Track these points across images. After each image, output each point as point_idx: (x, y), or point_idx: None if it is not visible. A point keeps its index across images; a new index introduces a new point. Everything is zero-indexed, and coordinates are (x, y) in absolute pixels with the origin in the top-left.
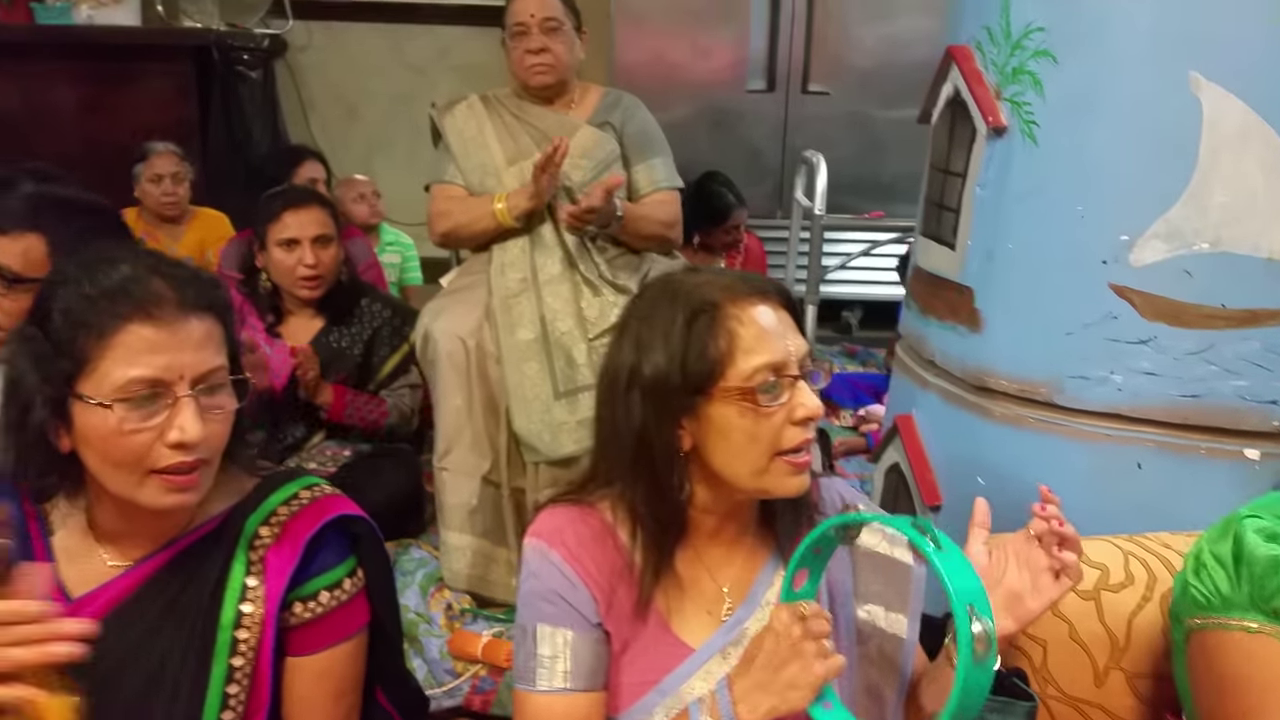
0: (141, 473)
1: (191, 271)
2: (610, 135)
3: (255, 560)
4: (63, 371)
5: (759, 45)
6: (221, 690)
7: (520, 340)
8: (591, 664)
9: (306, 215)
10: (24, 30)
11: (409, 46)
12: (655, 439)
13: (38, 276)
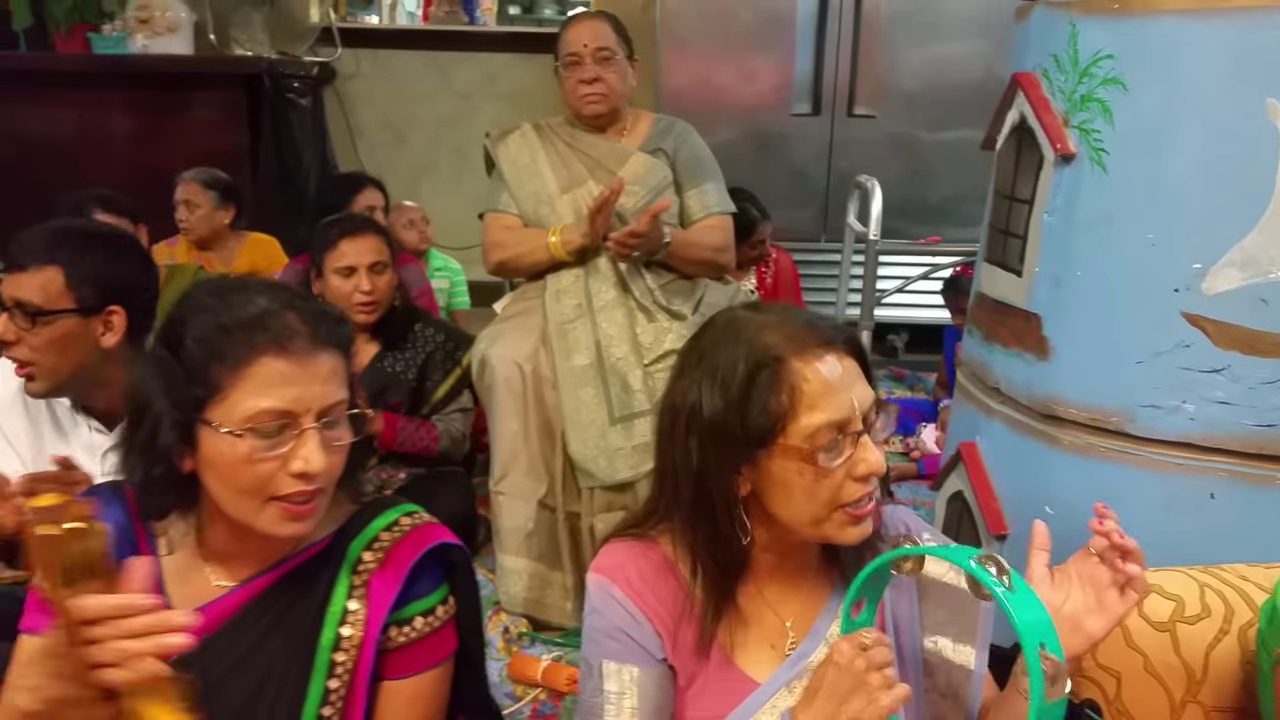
0: (262, 499)
1: (321, 307)
2: (663, 162)
3: (358, 584)
4: (194, 397)
5: (804, 69)
6: (316, 712)
7: (576, 366)
8: (658, 700)
9: (363, 243)
10: (81, 60)
11: (455, 73)
12: (713, 483)
13: (60, 309)
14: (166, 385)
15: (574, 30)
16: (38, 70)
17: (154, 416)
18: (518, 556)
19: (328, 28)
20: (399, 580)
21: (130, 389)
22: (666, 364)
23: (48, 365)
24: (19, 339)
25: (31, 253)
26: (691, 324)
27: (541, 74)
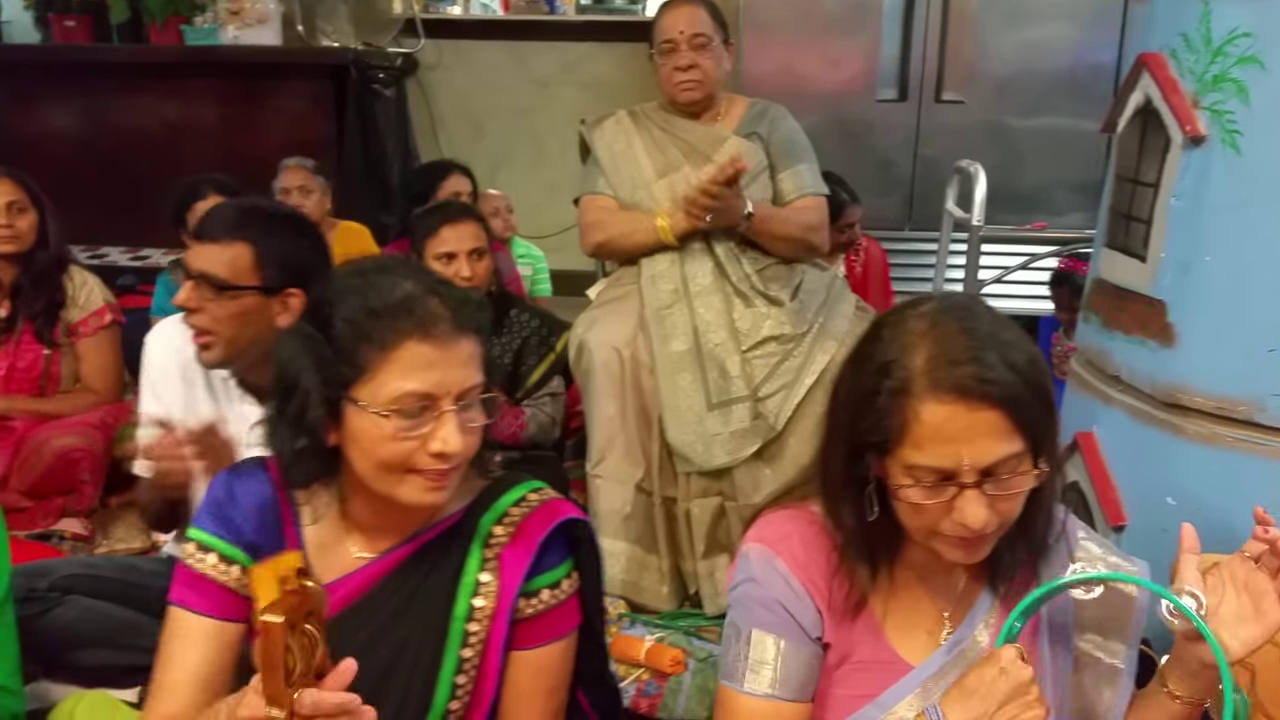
0: (402, 473)
1: (463, 293)
2: (758, 145)
3: (490, 557)
4: (342, 376)
5: (891, 54)
6: (451, 680)
7: (673, 351)
8: (802, 676)
9: (463, 229)
10: (173, 51)
11: (533, 62)
12: (836, 461)
13: (245, 285)
14: (316, 363)
15: (670, 17)
16: (133, 62)
17: (303, 392)
18: (615, 539)
19: (411, 18)
20: (530, 554)
21: (279, 363)
22: (765, 350)
23: (225, 337)
24: (201, 308)
25: (222, 227)
26: (789, 310)
27: (620, 62)
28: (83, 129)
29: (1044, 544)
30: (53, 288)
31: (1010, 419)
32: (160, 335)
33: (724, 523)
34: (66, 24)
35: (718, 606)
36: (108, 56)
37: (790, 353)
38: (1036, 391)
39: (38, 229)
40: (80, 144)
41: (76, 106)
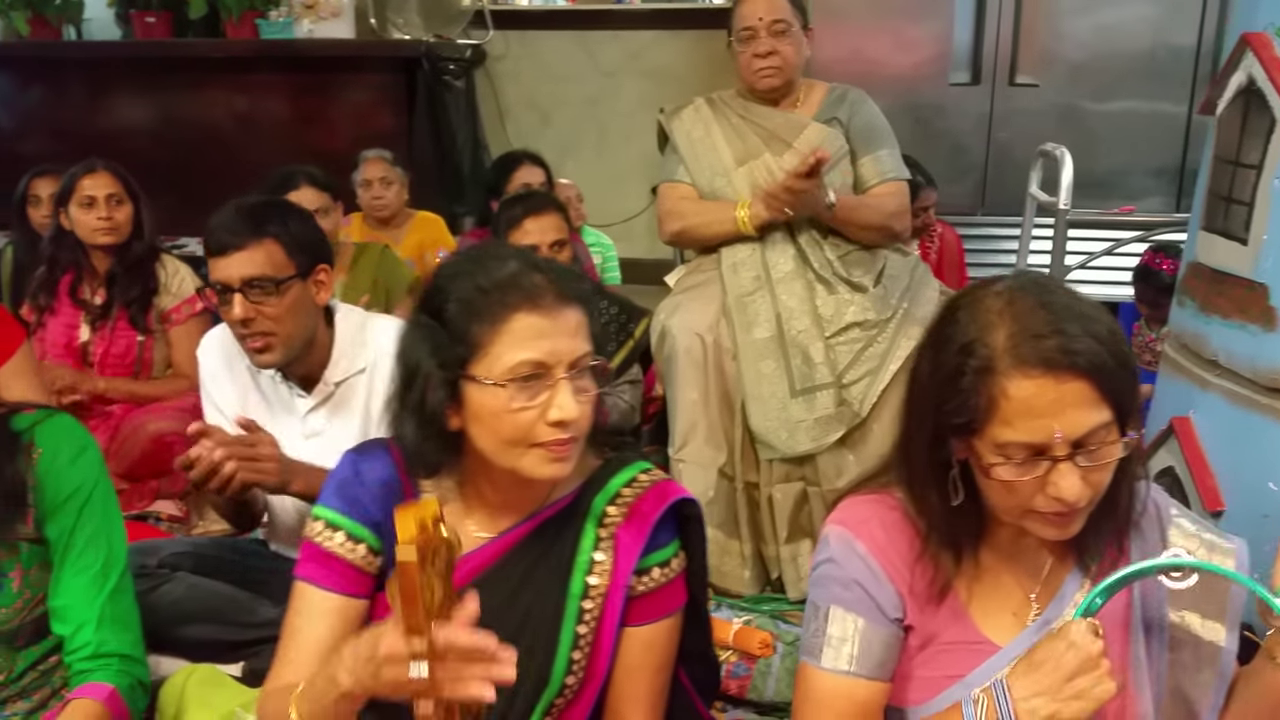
0: (525, 447)
1: (563, 267)
2: (838, 130)
3: (605, 536)
4: (458, 356)
5: (963, 37)
6: (568, 655)
7: (756, 338)
8: (880, 655)
9: (546, 220)
10: (248, 45)
11: (600, 52)
12: (919, 445)
13: (288, 276)
14: (433, 348)
15: (749, 4)
16: (208, 57)
17: (423, 377)
18: None
19: (480, 10)
20: (644, 533)
21: (399, 355)
22: (848, 336)
23: (284, 334)
24: (257, 314)
25: (243, 232)
26: (873, 296)
27: (685, 50)
28: (160, 122)
29: (1128, 518)
30: (147, 276)
31: (1098, 388)
32: (210, 344)
33: (806, 508)
34: (147, 20)
35: (800, 591)
36: (185, 51)
37: (874, 339)
38: (1120, 360)
39: (133, 220)
40: (157, 137)
41: (154, 101)
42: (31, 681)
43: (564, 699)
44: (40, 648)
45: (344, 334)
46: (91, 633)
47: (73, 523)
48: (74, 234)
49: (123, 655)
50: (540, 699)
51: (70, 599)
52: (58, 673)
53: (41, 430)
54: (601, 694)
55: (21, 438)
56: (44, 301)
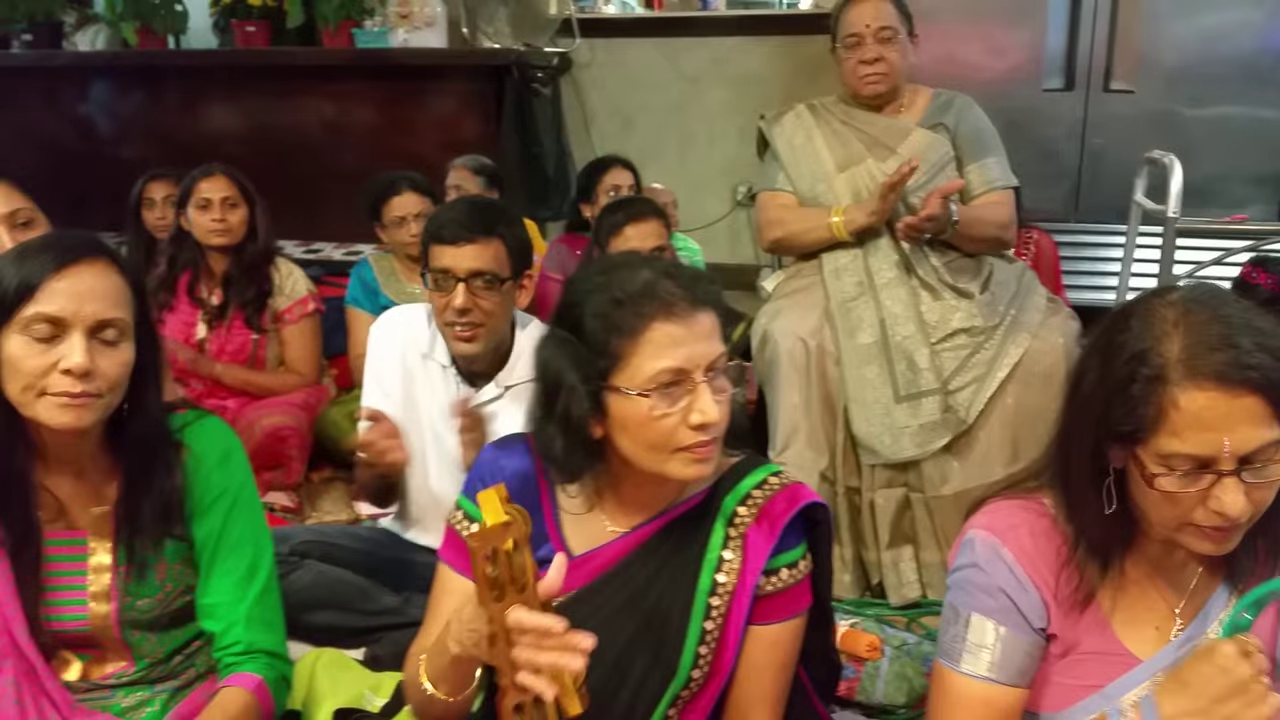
0: (669, 451)
1: (693, 272)
2: (944, 137)
3: (734, 536)
4: (599, 369)
5: (1057, 42)
6: (695, 649)
7: (860, 344)
8: (1021, 663)
9: (646, 227)
10: (343, 53)
11: (684, 58)
12: (1078, 451)
13: (508, 275)
14: (574, 362)
15: (855, 10)
16: (306, 65)
17: (567, 390)
18: None
19: (567, 18)
20: (774, 535)
21: (539, 369)
22: (955, 342)
23: (490, 327)
24: (475, 305)
25: (476, 228)
26: (980, 302)
27: (769, 56)
28: (255, 128)
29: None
30: (261, 277)
31: (1270, 405)
32: (382, 329)
33: (909, 514)
34: (248, 29)
35: (902, 598)
36: (281, 60)
37: (981, 345)
38: None
39: (248, 223)
40: (252, 143)
41: (250, 108)
42: (179, 664)
43: (689, 691)
44: (184, 633)
45: (523, 342)
46: (241, 632)
47: (220, 525)
48: (192, 235)
49: (269, 652)
50: (667, 690)
51: (219, 598)
52: (201, 656)
53: (191, 431)
54: (725, 689)
55: (172, 437)
56: (164, 299)
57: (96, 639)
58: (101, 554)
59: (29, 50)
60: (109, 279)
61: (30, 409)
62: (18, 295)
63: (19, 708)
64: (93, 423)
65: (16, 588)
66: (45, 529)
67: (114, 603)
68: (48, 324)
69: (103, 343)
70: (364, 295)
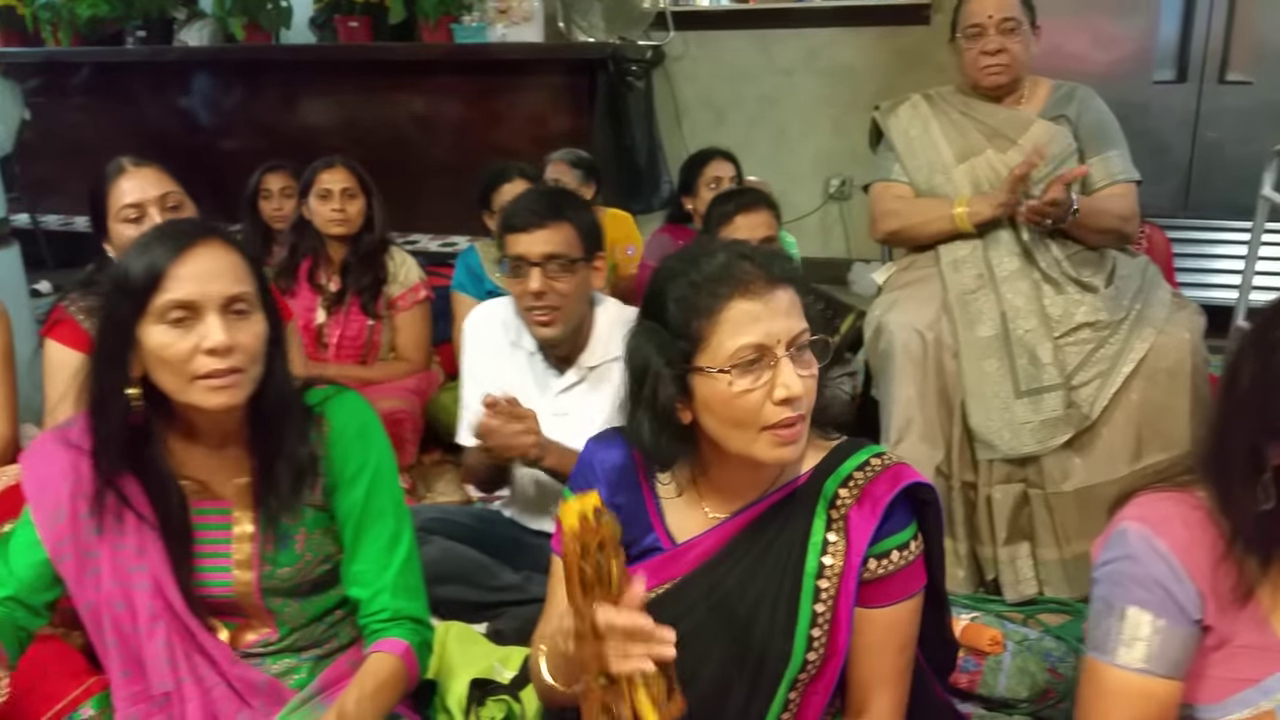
0: (756, 429)
1: (769, 251)
2: (1065, 129)
3: (836, 518)
4: (682, 351)
5: (1169, 32)
6: (807, 632)
7: (980, 337)
8: (1177, 655)
9: (756, 216)
10: (441, 49)
11: (778, 50)
12: (1233, 445)
13: (579, 257)
14: (658, 348)
15: (978, 1)
16: (404, 59)
17: (653, 376)
18: None
19: (661, 11)
20: (876, 516)
21: (627, 359)
22: (1078, 337)
23: (568, 310)
24: (550, 288)
25: (546, 213)
26: (1104, 296)
27: (864, 48)
28: (354, 122)
29: None
30: (377, 265)
31: None
32: (473, 322)
33: (1026, 510)
34: (350, 25)
35: (1018, 594)
36: (382, 55)
37: (1106, 340)
38: None
39: (365, 213)
40: (351, 136)
41: (350, 101)
42: (322, 633)
43: (807, 674)
44: (325, 600)
45: (603, 322)
46: (388, 599)
47: (363, 495)
48: (313, 224)
49: (414, 618)
50: (784, 674)
51: (365, 566)
52: (344, 626)
53: (331, 405)
54: (844, 671)
55: (313, 411)
56: (284, 285)
57: (241, 605)
58: (245, 523)
59: (142, 46)
60: (227, 256)
61: (186, 395)
62: (146, 287)
63: (172, 667)
64: (242, 399)
65: (168, 556)
66: (191, 500)
67: (255, 570)
68: (181, 309)
69: (236, 316)
70: (469, 281)
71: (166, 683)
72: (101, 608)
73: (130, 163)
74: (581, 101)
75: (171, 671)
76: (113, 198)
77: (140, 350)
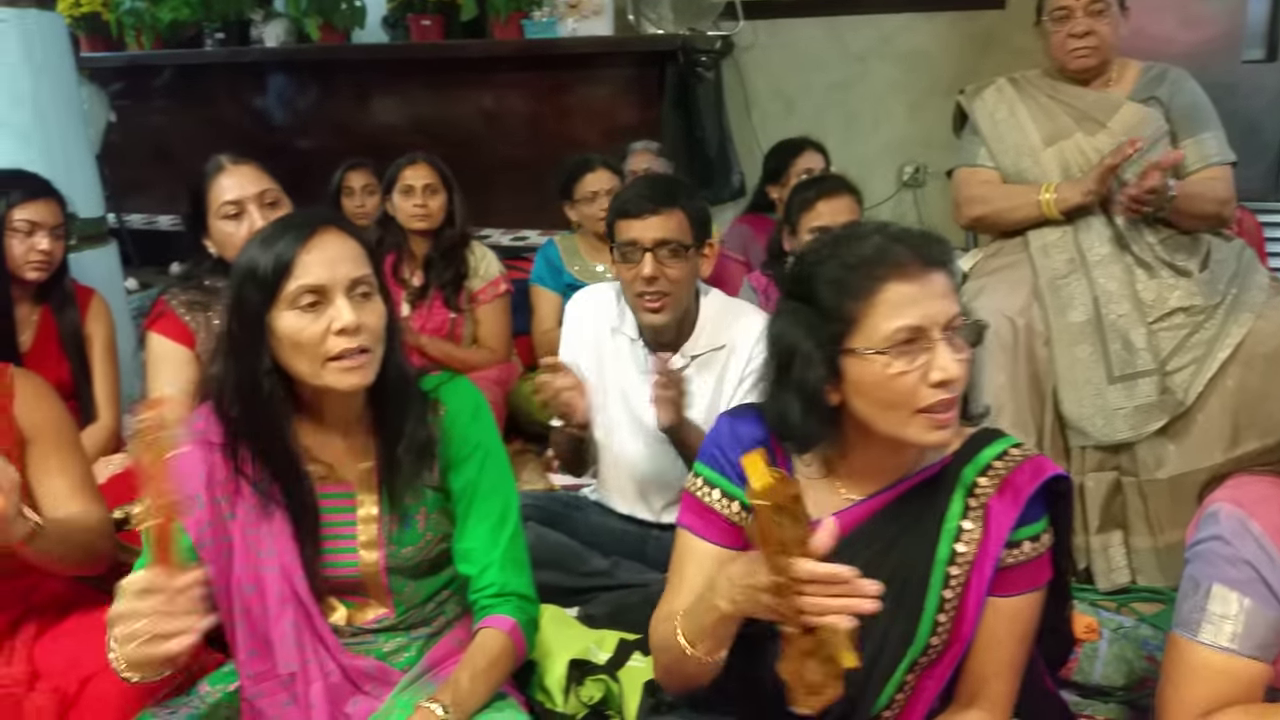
0: (909, 412)
1: (924, 233)
2: (1157, 111)
3: (974, 506)
4: (834, 333)
5: (1259, 9)
6: (933, 617)
7: (1071, 322)
8: (1264, 636)
9: (838, 202)
10: (511, 44)
11: (850, 37)
12: None
13: (690, 244)
14: (808, 330)
15: None
16: (475, 56)
17: (802, 358)
18: None
19: (731, 1)
20: (1018, 506)
21: (772, 340)
22: (1173, 322)
23: (677, 296)
24: (660, 274)
25: (658, 200)
26: (1199, 280)
27: (939, 33)
28: (426, 119)
29: None
30: (458, 260)
31: None
32: (575, 307)
33: (1119, 498)
34: (423, 23)
35: (1110, 583)
36: (454, 52)
37: (1201, 325)
38: None
39: (447, 208)
40: (424, 132)
41: (422, 99)
42: (431, 611)
43: (927, 658)
44: (439, 580)
45: (707, 312)
46: (495, 574)
47: (476, 474)
48: (396, 219)
49: (520, 595)
50: (905, 656)
51: (475, 543)
52: (451, 605)
53: (446, 390)
54: (963, 657)
55: (429, 396)
56: None
57: (364, 585)
58: (369, 506)
59: (220, 48)
60: (347, 242)
61: (320, 379)
62: (277, 275)
63: (298, 649)
64: (372, 379)
65: (296, 541)
66: (318, 485)
67: (381, 550)
68: (310, 293)
69: (360, 297)
70: (549, 274)
71: (292, 663)
72: (233, 590)
73: (229, 160)
74: (651, 94)
75: (298, 653)
76: (213, 194)
77: (271, 339)
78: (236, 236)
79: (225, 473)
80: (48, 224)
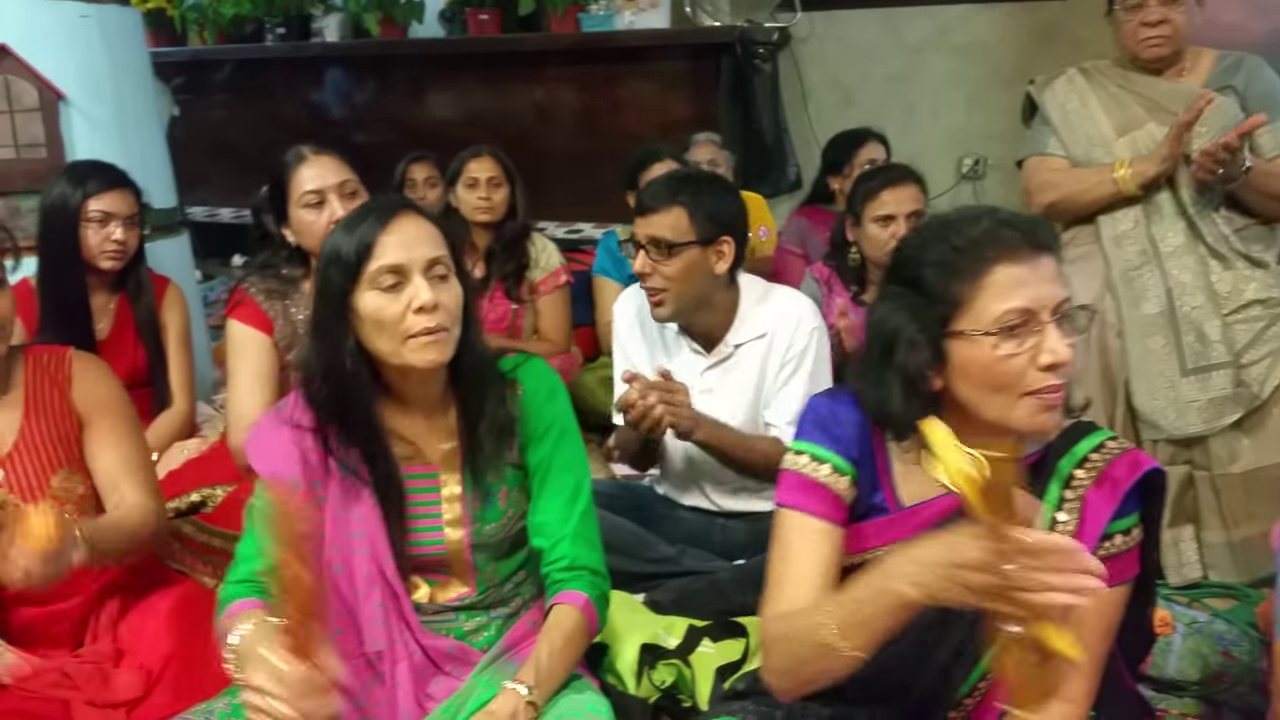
0: (1016, 395)
1: (1031, 218)
2: (1232, 99)
3: (1071, 498)
4: (939, 316)
5: None
6: None
7: (1144, 314)
8: None
9: (903, 191)
10: (568, 38)
11: (907, 29)
12: None
13: (685, 241)
14: (911, 313)
15: None
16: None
17: (905, 342)
18: None
19: None
20: (1116, 498)
21: (875, 325)
22: (1249, 314)
23: (675, 292)
24: (652, 270)
25: (660, 197)
26: (1276, 272)
27: (998, 24)
28: (483, 112)
29: None
30: (520, 252)
31: None
32: (624, 301)
33: (1191, 492)
34: (480, 17)
35: (1182, 577)
36: (511, 46)
37: (1278, 318)
38: None
39: (509, 201)
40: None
41: (479, 93)
42: (509, 591)
43: None
44: (517, 559)
45: (747, 301)
46: (568, 547)
47: (551, 451)
48: (459, 211)
49: (592, 569)
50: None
51: (549, 517)
52: (527, 585)
53: (523, 370)
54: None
55: (507, 376)
56: None
57: (449, 563)
58: (452, 485)
59: (281, 43)
60: (424, 225)
61: (400, 357)
62: (359, 256)
63: (386, 628)
64: (449, 357)
65: (384, 521)
66: (403, 465)
67: (465, 528)
68: (391, 274)
69: (438, 279)
70: (611, 265)
71: (379, 642)
72: (322, 571)
73: (310, 151)
74: (708, 86)
75: (385, 632)
76: (294, 184)
77: (355, 320)
78: (317, 225)
79: (317, 456)
80: (122, 214)
